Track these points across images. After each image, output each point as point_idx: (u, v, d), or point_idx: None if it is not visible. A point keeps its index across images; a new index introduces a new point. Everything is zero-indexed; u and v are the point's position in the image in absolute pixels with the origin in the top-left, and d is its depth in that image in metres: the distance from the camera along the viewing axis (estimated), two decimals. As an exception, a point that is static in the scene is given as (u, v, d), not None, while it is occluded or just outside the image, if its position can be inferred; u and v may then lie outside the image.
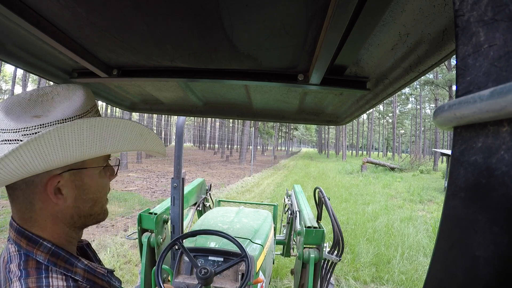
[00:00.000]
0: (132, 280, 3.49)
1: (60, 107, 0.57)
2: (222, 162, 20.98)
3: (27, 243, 0.55)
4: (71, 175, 0.57)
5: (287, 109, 1.40)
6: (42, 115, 0.55)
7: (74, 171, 0.58)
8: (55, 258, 0.56)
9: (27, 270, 0.53)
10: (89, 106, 0.60)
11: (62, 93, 0.59)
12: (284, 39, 0.64)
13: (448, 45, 0.56)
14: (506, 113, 0.16)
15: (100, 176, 0.64)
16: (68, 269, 0.57)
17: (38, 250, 0.55)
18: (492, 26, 0.18)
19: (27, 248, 0.55)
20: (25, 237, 0.56)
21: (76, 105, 0.57)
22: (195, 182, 2.80)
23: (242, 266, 1.68)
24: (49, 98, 0.58)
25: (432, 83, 23.02)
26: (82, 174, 0.59)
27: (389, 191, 10.79)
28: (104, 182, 0.65)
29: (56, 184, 0.56)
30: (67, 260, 0.58)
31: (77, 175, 0.58)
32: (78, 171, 0.58)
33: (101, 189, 0.64)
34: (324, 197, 1.88)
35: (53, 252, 0.56)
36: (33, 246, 0.55)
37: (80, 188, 0.59)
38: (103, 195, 0.65)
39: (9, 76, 31.24)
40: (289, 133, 49.39)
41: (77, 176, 0.58)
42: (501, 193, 0.17)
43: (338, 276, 3.85)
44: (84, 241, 0.75)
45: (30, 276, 0.52)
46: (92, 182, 0.61)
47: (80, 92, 0.60)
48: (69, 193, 0.58)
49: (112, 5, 0.55)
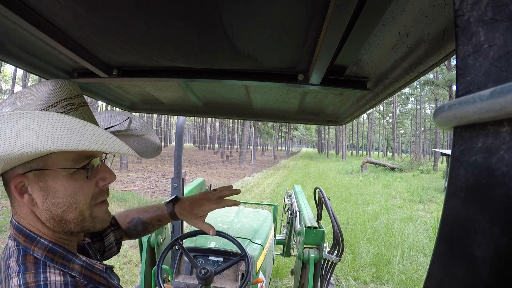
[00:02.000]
0: (132, 280, 3.49)
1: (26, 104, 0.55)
2: (222, 162, 20.98)
3: (25, 240, 0.56)
4: (34, 176, 0.55)
5: (287, 109, 1.40)
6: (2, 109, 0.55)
7: (37, 171, 0.54)
8: (52, 254, 0.57)
9: (25, 265, 0.54)
10: (54, 100, 0.55)
11: (31, 91, 0.57)
12: (284, 39, 0.64)
13: (448, 45, 0.56)
14: (506, 113, 0.16)
15: (71, 179, 0.57)
16: (65, 265, 0.58)
17: (35, 247, 0.56)
18: (492, 26, 0.18)
19: (25, 245, 0.56)
20: (22, 234, 0.57)
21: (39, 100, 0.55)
22: (195, 182, 2.80)
23: (242, 266, 1.68)
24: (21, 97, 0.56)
25: (432, 83, 23.03)
26: (45, 175, 0.55)
27: (389, 191, 10.79)
28: (76, 186, 0.58)
29: (22, 185, 0.55)
30: (64, 256, 0.58)
31: (40, 176, 0.55)
32: (41, 172, 0.55)
33: (72, 193, 0.57)
34: (324, 197, 1.88)
35: (50, 249, 0.57)
36: (30, 243, 0.56)
37: (46, 190, 0.55)
38: (79, 200, 0.58)
39: (9, 76, 31.25)
40: (289, 133, 49.40)
41: (41, 178, 0.55)
42: (501, 193, 0.17)
43: (338, 276, 3.85)
44: (86, 239, 0.75)
45: (28, 271, 0.53)
46: (57, 185, 0.56)
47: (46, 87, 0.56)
48: (36, 194, 0.55)
49: (112, 5, 0.55)
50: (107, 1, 0.54)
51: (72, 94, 0.58)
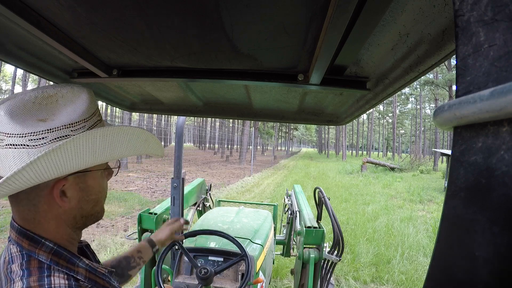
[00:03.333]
0: (132, 280, 3.49)
1: (66, 111, 0.57)
2: (222, 162, 20.98)
3: (29, 243, 0.56)
4: (75, 178, 0.59)
5: (287, 109, 1.40)
6: (47, 118, 0.55)
7: (79, 174, 0.59)
8: (57, 257, 0.56)
9: (29, 269, 0.53)
10: (93, 109, 0.60)
11: (67, 96, 0.59)
12: (284, 39, 0.64)
13: (448, 45, 0.56)
14: (506, 113, 0.16)
15: (102, 177, 0.66)
16: (70, 268, 0.58)
17: (40, 250, 0.56)
18: (492, 26, 0.18)
19: (29, 249, 0.55)
20: (27, 238, 0.56)
21: (81, 109, 0.58)
22: (195, 182, 2.79)
23: (242, 266, 1.68)
24: (53, 101, 0.58)
25: (432, 83, 23.03)
26: (86, 176, 0.61)
27: (389, 191, 10.79)
28: (104, 183, 0.67)
29: (62, 187, 0.56)
30: (69, 259, 0.58)
31: (81, 178, 0.60)
32: (83, 174, 0.60)
33: (102, 190, 0.66)
34: (324, 197, 1.88)
35: (55, 252, 0.57)
36: (35, 246, 0.56)
37: (84, 190, 0.61)
38: (104, 195, 0.67)
39: (9, 76, 31.25)
40: (289, 133, 49.40)
41: (82, 179, 0.60)
42: (501, 193, 0.17)
43: (338, 276, 3.85)
44: (84, 242, 0.76)
45: (32, 275, 0.52)
46: (95, 183, 0.63)
47: (84, 95, 0.61)
48: (73, 195, 0.59)
49: (112, 5, 0.55)
50: (107, 1, 0.54)
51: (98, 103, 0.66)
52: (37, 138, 0.52)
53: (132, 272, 1.07)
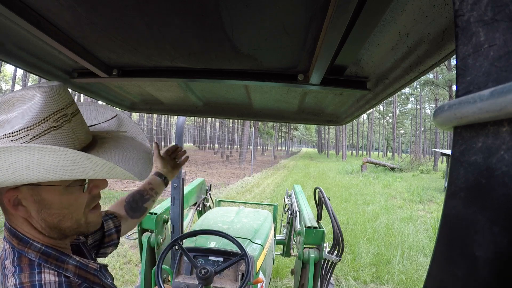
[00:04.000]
0: (132, 280, 3.49)
1: (16, 117, 0.52)
2: (222, 162, 20.98)
3: (19, 243, 0.57)
4: (28, 189, 0.55)
5: (287, 109, 1.40)
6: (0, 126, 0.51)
7: (31, 186, 0.55)
8: (46, 256, 0.58)
9: (20, 266, 0.55)
10: (46, 113, 0.52)
11: (21, 99, 0.54)
12: (284, 39, 0.64)
13: (448, 45, 0.56)
14: (506, 113, 0.16)
15: (66, 192, 0.58)
16: (59, 266, 0.59)
17: (29, 249, 0.57)
18: (492, 26, 0.18)
19: (19, 247, 0.57)
20: (16, 237, 0.58)
21: (30, 115, 0.51)
22: (195, 182, 2.79)
23: (242, 266, 1.68)
24: (10, 105, 0.53)
25: (432, 83, 23.02)
26: (39, 190, 0.56)
27: (389, 191, 10.79)
28: (71, 199, 0.59)
29: (15, 197, 0.55)
30: (58, 258, 0.59)
31: (34, 190, 0.55)
32: (35, 186, 0.55)
33: (67, 205, 0.59)
34: (324, 197, 1.88)
35: (43, 251, 0.58)
36: (24, 246, 0.57)
37: (40, 203, 0.56)
38: (74, 210, 0.60)
39: (9, 76, 31.25)
40: (289, 133, 49.41)
41: (35, 191, 0.56)
42: (501, 193, 0.17)
43: (338, 276, 3.85)
44: (81, 239, 0.76)
45: (23, 271, 0.54)
46: (53, 198, 0.57)
47: (37, 97, 0.53)
48: (30, 206, 0.56)
49: (112, 5, 0.55)
50: (107, 1, 0.54)
51: (64, 104, 0.56)
52: None
53: (147, 205, 1.10)
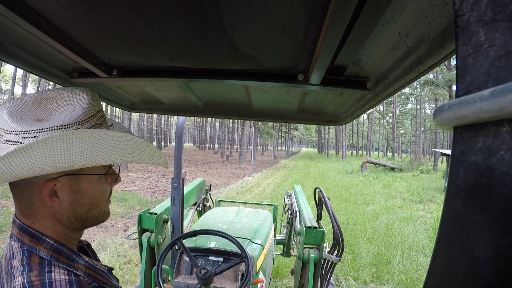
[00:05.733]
0: (132, 280, 3.48)
1: (63, 112, 0.57)
2: (222, 162, 20.98)
3: (31, 240, 0.57)
4: (67, 179, 0.58)
5: (287, 109, 1.40)
6: (43, 119, 0.56)
7: (71, 176, 0.59)
8: (57, 254, 0.58)
9: (30, 265, 0.54)
10: (92, 112, 0.60)
11: (66, 98, 0.59)
12: (284, 39, 0.64)
13: (448, 45, 0.56)
14: (506, 113, 0.16)
15: (99, 182, 0.64)
16: (70, 264, 0.59)
17: (41, 246, 0.57)
18: (492, 26, 0.18)
19: (30, 245, 0.57)
20: (28, 234, 0.57)
21: (78, 111, 0.58)
22: (195, 182, 2.79)
23: (242, 266, 1.68)
24: (53, 102, 0.59)
25: (432, 83, 23.02)
26: (79, 179, 0.60)
27: (389, 191, 10.79)
28: (103, 188, 0.65)
29: (52, 187, 0.57)
30: (69, 256, 0.59)
31: (73, 180, 0.59)
32: (75, 176, 0.59)
33: (99, 195, 0.64)
34: (324, 197, 1.88)
35: (55, 249, 0.58)
36: (36, 243, 0.57)
37: (77, 192, 0.60)
38: (102, 200, 0.66)
39: (9, 76, 31.24)
40: (289, 133, 49.40)
41: (74, 181, 0.59)
42: (501, 193, 0.17)
43: (338, 276, 3.85)
44: (85, 241, 0.76)
45: (32, 270, 0.54)
46: (89, 187, 0.62)
47: (83, 98, 0.60)
48: (65, 196, 0.59)
49: (112, 5, 0.55)
50: (107, 1, 0.54)
51: (101, 106, 0.64)
52: (29, 136, 0.53)
53: None
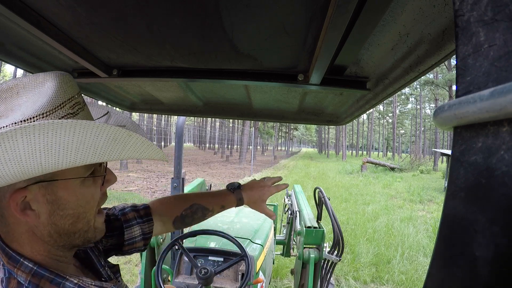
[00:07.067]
0: (132, 280, 3.49)
1: (25, 104, 0.46)
2: (222, 162, 20.98)
3: (8, 261, 0.48)
4: (40, 188, 0.47)
5: (287, 109, 1.40)
6: (2, 115, 0.46)
7: (44, 183, 0.47)
8: (37, 279, 0.48)
9: None
10: (61, 99, 0.47)
11: (29, 86, 0.48)
12: (284, 39, 0.64)
13: (448, 45, 0.56)
14: (506, 113, 0.16)
15: (83, 186, 0.52)
16: None
17: (19, 270, 0.48)
18: (492, 26, 0.18)
19: (8, 267, 0.48)
20: (5, 254, 0.49)
21: (42, 101, 0.46)
22: (195, 182, 2.79)
23: (242, 266, 1.68)
24: (14, 93, 0.48)
25: (432, 83, 23.03)
26: (54, 186, 0.48)
27: (389, 191, 10.79)
28: (88, 194, 0.53)
29: (23, 199, 0.46)
30: (52, 280, 0.49)
31: (48, 188, 0.48)
32: (49, 183, 0.48)
33: (83, 203, 0.52)
34: (324, 197, 1.88)
35: (35, 273, 0.48)
36: (13, 265, 0.48)
37: (54, 203, 0.49)
38: (88, 209, 0.54)
39: (9, 76, 31.27)
40: (289, 133, 49.41)
41: (48, 190, 0.48)
42: (501, 193, 0.17)
43: (338, 276, 3.85)
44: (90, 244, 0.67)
45: None
46: (69, 195, 0.50)
47: (49, 83, 0.48)
48: (41, 208, 0.48)
49: (112, 5, 0.55)
50: (107, 1, 0.54)
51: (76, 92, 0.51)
52: None
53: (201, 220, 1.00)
